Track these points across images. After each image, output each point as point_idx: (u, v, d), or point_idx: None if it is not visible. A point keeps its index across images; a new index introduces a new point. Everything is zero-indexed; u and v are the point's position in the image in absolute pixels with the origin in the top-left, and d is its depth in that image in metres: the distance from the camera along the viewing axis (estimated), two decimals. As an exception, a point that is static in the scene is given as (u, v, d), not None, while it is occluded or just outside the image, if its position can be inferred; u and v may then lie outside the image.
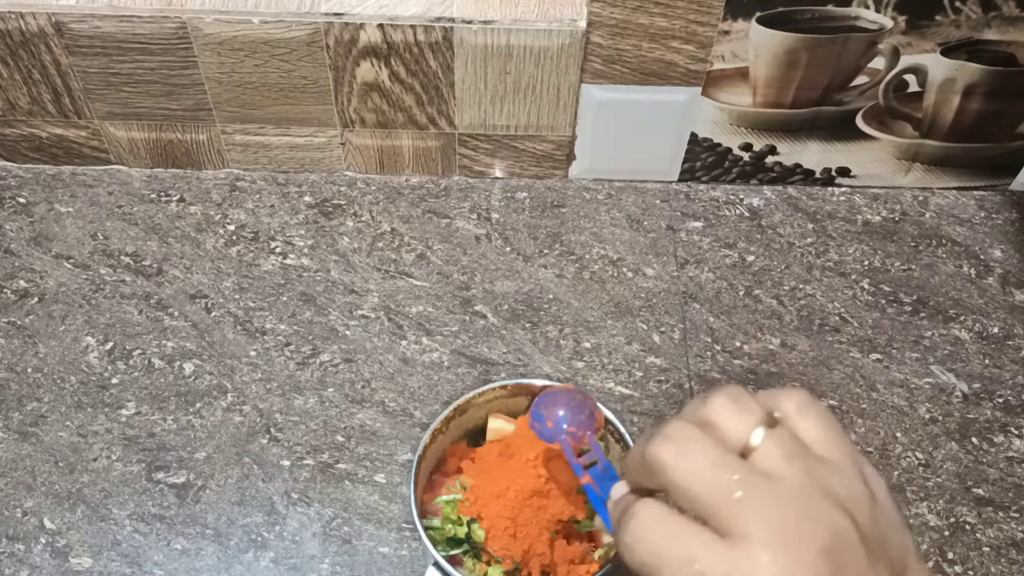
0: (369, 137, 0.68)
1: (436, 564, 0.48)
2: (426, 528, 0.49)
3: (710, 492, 0.33)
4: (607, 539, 0.50)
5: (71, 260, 0.66)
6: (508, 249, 0.67)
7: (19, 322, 0.63)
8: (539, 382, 0.53)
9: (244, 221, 0.68)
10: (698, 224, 0.69)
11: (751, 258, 0.67)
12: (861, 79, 0.64)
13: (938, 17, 0.60)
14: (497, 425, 0.53)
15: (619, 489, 0.39)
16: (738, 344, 0.63)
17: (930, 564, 0.55)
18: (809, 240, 0.68)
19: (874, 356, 0.63)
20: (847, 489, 0.34)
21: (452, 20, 0.60)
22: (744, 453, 0.34)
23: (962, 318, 0.65)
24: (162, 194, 0.69)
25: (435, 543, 0.49)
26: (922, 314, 0.65)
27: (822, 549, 0.32)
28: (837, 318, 0.65)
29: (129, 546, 0.55)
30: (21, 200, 0.69)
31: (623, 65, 0.63)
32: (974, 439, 0.60)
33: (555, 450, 0.48)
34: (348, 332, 0.63)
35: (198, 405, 0.60)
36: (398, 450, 0.58)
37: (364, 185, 0.70)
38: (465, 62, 0.62)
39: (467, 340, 0.63)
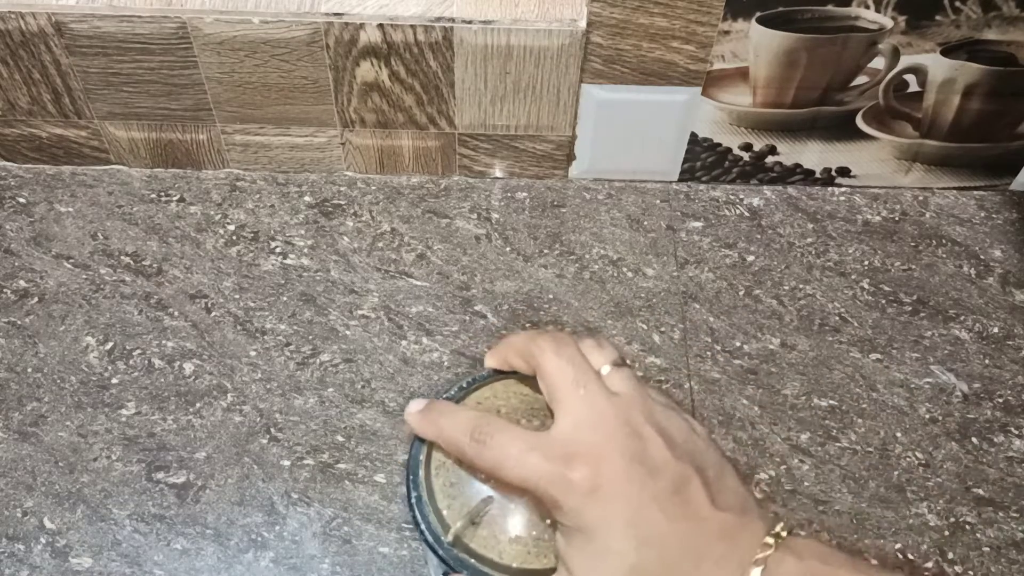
0: (369, 137, 0.68)
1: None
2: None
3: (566, 382, 0.44)
4: None
5: (71, 260, 0.66)
6: (508, 249, 0.67)
7: (19, 322, 0.63)
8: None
9: (244, 221, 0.68)
10: (698, 224, 0.69)
11: (751, 258, 0.67)
12: (861, 79, 0.64)
13: (938, 17, 0.60)
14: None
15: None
16: (738, 344, 0.63)
17: (930, 564, 0.55)
18: (809, 240, 0.68)
19: (874, 356, 0.63)
20: (666, 419, 0.44)
21: (452, 20, 0.60)
22: (600, 373, 0.45)
23: (962, 318, 0.65)
24: (162, 194, 0.69)
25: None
26: (922, 314, 0.65)
27: (631, 434, 0.42)
28: (837, 318, 0.65)
29: (129, 546, 0.55)
30: (21, 200, 0.69)
31: (623, 65, 0.63)
32: (974, 439, 0.60)
33: None
34: (348, 332, 0.63)
35: (198, 405, 0.60)
36: (398, 450, 0.58)
37: (364, 185, 0.70)
38: (465, 62, 0.62)
39: (467, 340, 0.63)
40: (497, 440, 0.44)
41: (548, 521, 0.47)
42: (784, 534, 0.43)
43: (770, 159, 0.69)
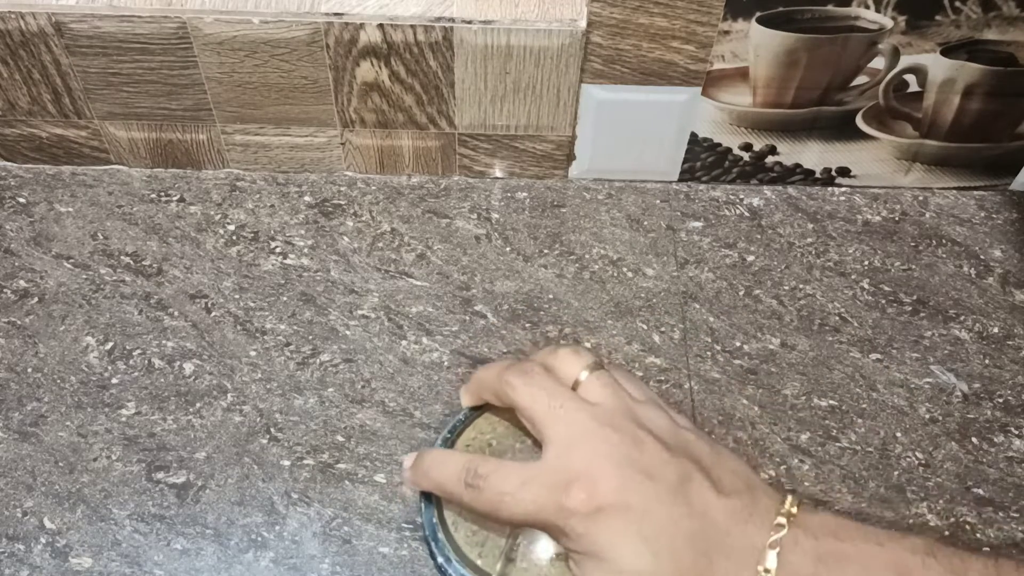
0: (369, 137, 0.68)
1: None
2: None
3: (542, 409, 0.43)
4: None
5: (71, 260, 0.66)
6: (508, 249, 0.67)
7: (19, 322, 0.63)
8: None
9: (244, 221, 0.68)
10: (698, 224, 0.69)
11: (751, 258, 0.67)
12: (861, 79, 0.64)
13: (938, 17, 0.60)
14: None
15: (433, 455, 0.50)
16: (738, 344, 0.63)
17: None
18: (809, 240, 0.68)
19: (874, 356, 0.63)
20: (651, 418, 0.43)
21: (452, 20, 0.60)
22: (575, 387, 0.45)
23: (962, 318, 0.65)
24: (162, 194, 0.69)
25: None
26: (922, 314, 0.65)
27: (620, 442, 0.42)
28: (837, 318, 0.65)
29: (129, 546, 0.55)
30: (21, 200, 0.69)
31: (623, 65, 0.63)
32: (974, 439, 0.60)
33: None
34: (348, 332, 0.63)
35: (198, 405, 0.60)
36: (398, 450, 0.58)
37: (364, 185, 0.70)
38: (465, 62, 0.62)
39: (467, 340, 0.63)
40: (491, 481, 0.43)
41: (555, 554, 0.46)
42: (794, 510, 0.42)
43: (770, 159, 0.69)
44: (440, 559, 0.48)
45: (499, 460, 0.45)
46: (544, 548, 0.46)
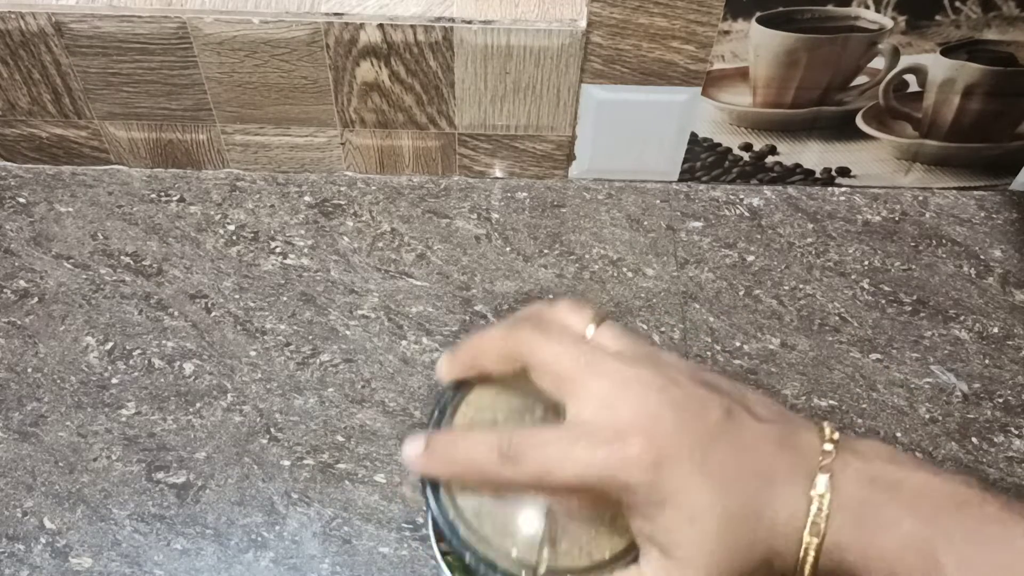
0: (369, 137, 0.68)
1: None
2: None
3: (569, 365, 0.41)
4: None
5: (71, 260, 0.66)
6: (508, 249, 0.67)
7: (19, 322, 0.63)
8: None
9: (244, 221, 0.68)
10: (698, 224, 0.69)
11: (751, 258, 0.67)
12: (861, 79, 0.64)
13: (938, 17, 0.60)
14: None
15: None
16: (738, 344, 0.63)
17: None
18: (809, 240, 0.68)
19: (874, 356, 0.63)
20: (673, 361, 0.42)
21: (452, 20, 0.60)
22: (588, 338, 0.43)
23: (962, 318, 0.65)
24: (162, 194, 0.69)
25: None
26: (922, 314, 0.65)
27: (661, 386, 0.40)
28: (837, 318, 0.65)
29: (129, 546, 0.55)
30: (21, 200, 0.69)
31: (623, 65, 0.63)
32: (974, 439, 0.60)
33: None
34: (348, 332, 0.63)
35: (198, 405, 0.60)
36: (398, 450, 0.58)
37: (364, 185, 0.70)
38: (465, 62, 0.62)
39: (467, 340, 0.63)
40: (534, 449, 0.40)
41: (609, 515, 0.43)
42: (836, 436, 0.41)
43: (770, 159, 0.69)
44: (469, 558, 0.46)
45: (531, 428, 0.42)
46: (583, 523, 0.44)
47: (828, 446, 0.40)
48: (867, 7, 0.59)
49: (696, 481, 0.39)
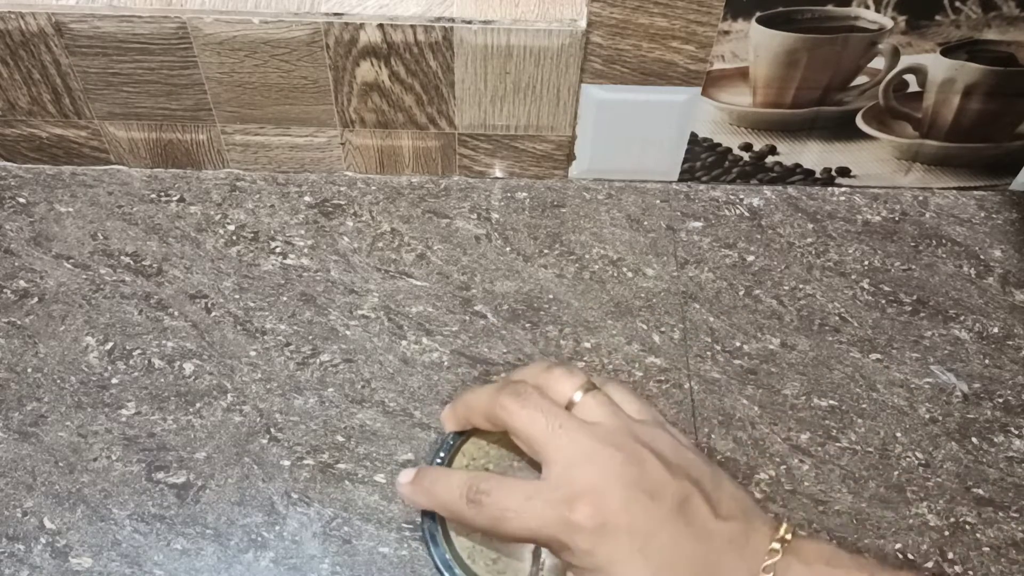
0: (369, 137, 0.68)
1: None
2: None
3: (540, 430, 0.43)
4: None
5: (71, 260, 0.66)
6: (508, 249, 0.67)
7: (19, 322, 0.63)
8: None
9: (244, 221, 0.68)
10: (698, 224, 0.69)
11: (751, 258, 0.67)
12: (861, 79, 0.64)
13: (938, 17, 0.60)
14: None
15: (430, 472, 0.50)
16: (738, 344, 0.63)
17: (930, 564, 0.55)
18: (809, 240, 0.68)
19: (874, 356, 0.63)
20: (652, 437, 0.44)
21: (452, 20, 0.60)
22: (568, 407, 0.45)
23: (962, 318, 0.65)
24: (162, 194, 0.69)
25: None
26: (922, 314, 0.65)
27: (624, 461, 0.42)
28: (837, 318, 0.65)
29: (129, 546, 0.55)
30: (21, 200, 0.69)
31: (623, 65, 0.63)
32: (974, 439, 0.60)
33: None
34: (348, 332, 0.63)
35: (198, 405, 0.60)
36: (398, 450, 0.58)
37: (364, 185, 0.70)
38: (465, 62, 0.62)
39: (467, 340, 0.63)
40: (494, 496, 0.43)
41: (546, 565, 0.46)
42: (788, 537, 0.43)
43: (770, 159, 0.69)
44: None
45: (501, 477, 0.45)
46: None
47: (776, 545, 0.42)
48: (867, 7, 0.59)
49: (634, 560, 0.41)
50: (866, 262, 0.67)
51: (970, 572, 0.55)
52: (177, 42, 0.61)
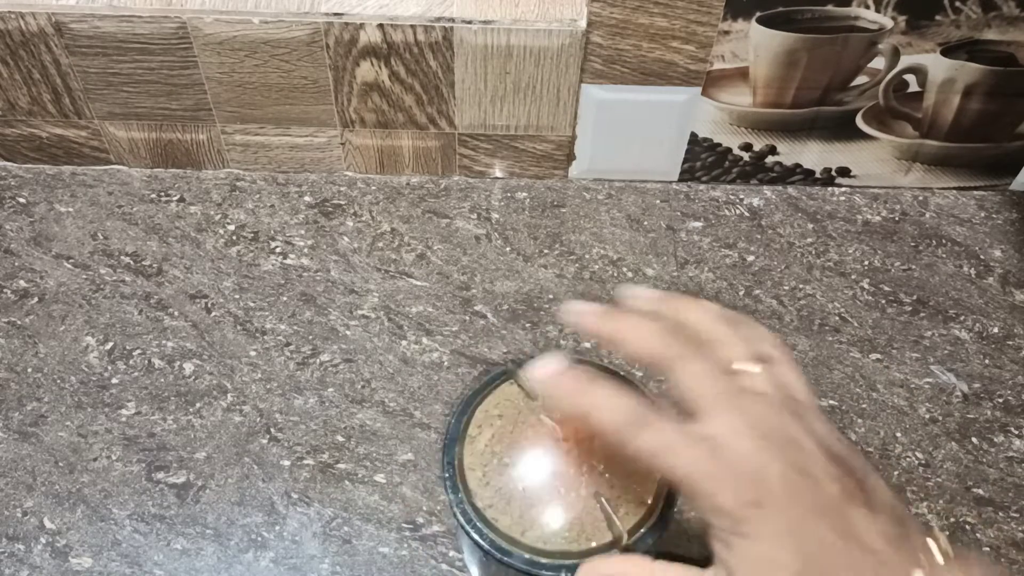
0: (369, 137, 0.68)
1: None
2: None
3: (707, 388, 0.40)
4: None
5: (71, 260, 0.66)
6: (508, 249, 0.67)
7: (19, 322, 0.63)
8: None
9: (244, 221, 0.68)
10: (698, 224, 0.69)
11: (751, 258, 0.67)
12: (861, 79, 0.64)
13: (938, 17, 0.60)
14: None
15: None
16: (738, 344, 0.63)
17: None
18: (809, 240, 0.68)
19: (874, 356, 0.63)
20: (821, 425, 0.41)
21: (452, 20, 0.60)
22: (737, 372, 0.42)
23: (962, 318, 0.65)
24: (162, 194, 0.69)
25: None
26: (922, 314, 0.65)
27: (790, 442, 0.40)
28: (837, 318, 0.65)
29: (129, 546, 0.55)
30: (21, 200, 0.69)
31: (623, 65, 0.63)
32: (974, 439, 0.60)
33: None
34: (348, 332, 0.63)
35: (198, 405, 0.60)
36: (398, 450, 0.58)
37: (364, 185, 0.70)
38: (465, 62, 0.62)
39: (467, 340, 0.63)
40: (658, 426, 0.40)
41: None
42: (951, 551, 0.40)
43: (770, 159, 0.69)
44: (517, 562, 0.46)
45: (666, 418, 0.42)
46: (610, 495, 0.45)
47: (939, 558, 0.39)
48: (867, 7, 0.59)
49: (784, 538, 0.39)
50: (866, 262, 0.67)
51: (970, 572, 0.55)
52: (177, 42, 0.61)
